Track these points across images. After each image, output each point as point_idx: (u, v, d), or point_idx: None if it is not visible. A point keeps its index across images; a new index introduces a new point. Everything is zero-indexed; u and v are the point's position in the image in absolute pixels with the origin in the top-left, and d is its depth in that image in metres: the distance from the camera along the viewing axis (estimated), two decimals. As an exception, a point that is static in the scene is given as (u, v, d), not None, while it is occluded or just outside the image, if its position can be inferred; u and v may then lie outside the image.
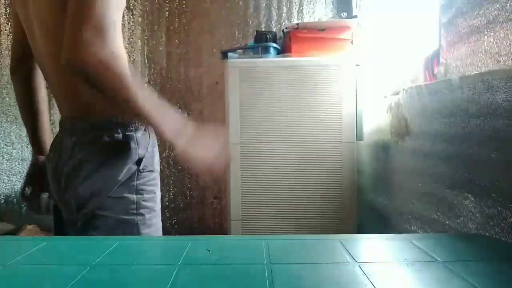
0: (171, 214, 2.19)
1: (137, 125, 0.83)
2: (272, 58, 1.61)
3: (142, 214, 0.80)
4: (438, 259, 0.48)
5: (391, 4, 1.54)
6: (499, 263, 0.49)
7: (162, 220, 0.87)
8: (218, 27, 2.15)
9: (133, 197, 0.80)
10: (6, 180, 2.20)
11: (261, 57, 1.61)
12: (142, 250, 0.54)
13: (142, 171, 0.82)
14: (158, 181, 0.88)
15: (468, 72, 0.88)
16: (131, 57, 2.19)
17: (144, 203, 0.82)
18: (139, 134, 0.83)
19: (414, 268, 0.46)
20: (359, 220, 1.60)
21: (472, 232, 0.85)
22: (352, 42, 1.67)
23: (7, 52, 2.15)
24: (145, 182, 0.83)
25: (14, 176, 2.21)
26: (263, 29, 2.07)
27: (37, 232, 2.05)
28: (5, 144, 2.19)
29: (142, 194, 0.82)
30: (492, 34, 0.79)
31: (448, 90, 0.96)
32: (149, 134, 0.85)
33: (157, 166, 0.88)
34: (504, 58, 0.75)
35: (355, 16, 1.85)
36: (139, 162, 0.81)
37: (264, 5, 2.14)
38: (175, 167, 2.19)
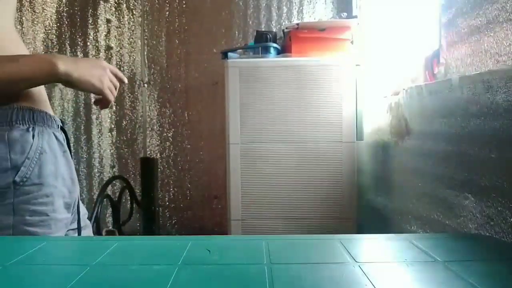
0: (171, 214, 2.19)
1: (13, 119, 0.67)
2: (272, 58, 1.61)
3: None
4: (438, 259, 0.48)
5: (391, 4, 1.54)
6: (499, 263, 0.49)
7: (162, 220, 0.82)
8: (218, 27, 2.15)
9: (9, 219, 0.63)
10: None
11: (261, 57, 1.61)
12: (142, 250, 0.54)
13: (21, 184, 0.64)
14: (56, 199, 0.70)
15: (468, 72, 0.88)
16: (131, 57, 2.19)
17: (27, 228, 0.64)
18: (15, 134, 0.66)
19: (414, 268, 0.46)
20: (359, 220, 1.60)
21: (472, 232, 0.85)
22: (352, 42, 1.67)
23: None
24: (28, 199, 0.65)
25: None
26: (263, 29, 2.07)
27: None
28: None
29: (22, 215, 0.64)
30: (492, 34, 0.79)
31: (448, 90, 0.96)
32: (34, 134, 0.68)
33: (51, 179, 0.69)
34: (504, 58, 0.75)
35: (355, 16, 1.85)
36: (15, 172, 0.64)
37: (264, 5, 2.14)
38: (175, 167, 2.19)
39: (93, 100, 0.82)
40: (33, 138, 0.68)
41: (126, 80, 0.82)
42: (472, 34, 0.87)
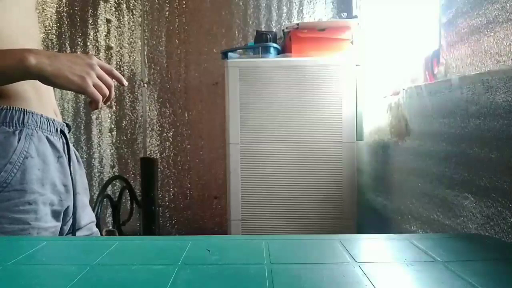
0: (171, 214, 2.19)
1: None
2: (272, 58, 1.61)
3: None
4: (438, 259, 0.48)
5: (391, 4, 1.54)
6: (499, 263, 0.49)
7: (162, 220, 0.79)
8: (218, 27, 2.15)
9: None
10: None
11: (261, 57, 1.61)
12: (142, 250, 0.54)
13: (0, 190, 0.62)
14: (40, 207, 0.66)
15: (468, 72, 0.88)
16: (131, 57, 2.19)
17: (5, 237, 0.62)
18: None
19: (414, 268, 0.46)
20: (359, 220, 1.60)
21: (472, 232, 0.85)
22: (352, 42, 1.67)
23: None
24: (8, 206, 0.62)
25: None
26: (263, 29, 2.07)
27: None
28: None
29: (1, 223, 0.61)
30: (492, 34, 0.79)
31: (448, 90, 0.96)
32: (20, 138, 0.66)
33: (35, 185, 0.66)
34: (504, 58, 0.75)
35: (355, 16, 1.85)
36: None
37: (264, 5, 2.14)
38: (175, 167, 2.19)
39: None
40: (18, 141, 0.65)
41: (125, 82, 0.75)
42: (472, 34, 0.87)
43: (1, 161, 0.63)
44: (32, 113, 0.69)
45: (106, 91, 0.70)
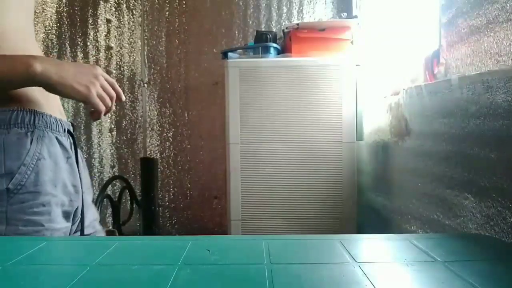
0: (171, 214, 2.19)
1: (11, 122, 0.64)
2: (272, 58, 1.61)
3: None
4: (438, 259, 0.48)
5: (391, 4, 1.54)
6: (499, 263, 0.49)
7: (162, 220, 0.79)
8: (218, 27, 2.15)
9: (1, 228, 0.60)
10: None
11: (261, 57, 1.61)
12: (142, 250, 0.54)
13: (15, 192, 0.61)
14: (53, 208, 0.66)
15: (468, 72, 0.88)
16: (131, 57, 2.19)
17: None
18: (11, 138, 0.63)
19: (414, 268, 0.46)
20: (359, 220, 1.60)
21: (472, 232, 0.85)
22: (352, 42, 1.67)
23: None
24: (23, 208, 0.62)
25: None
26: (263, 29, 2.07)
27: None
28: None
29: (15, 225, 0.61)
30: (492, 34, 0.79)
31: (448, 90, 0.96)
32: (32, 139, 0.65)
33: (48, 187, 0.66)
34: (504, 58, 0.75)
35: (355, 16, 1.85)
36: (9, 179, 0.61)
37: (264, 5, 2.14)
38: (175, 167, 2.19)
39: (89, 110, 0.77)
40: (31, 143, 0.65)
41: (123, 97, 0.75)
42: (472, 34, 0.87)
43: (15, 163, 0.62)
44: (42, 114, 0.69)
45: (109, 102, 0.70)
